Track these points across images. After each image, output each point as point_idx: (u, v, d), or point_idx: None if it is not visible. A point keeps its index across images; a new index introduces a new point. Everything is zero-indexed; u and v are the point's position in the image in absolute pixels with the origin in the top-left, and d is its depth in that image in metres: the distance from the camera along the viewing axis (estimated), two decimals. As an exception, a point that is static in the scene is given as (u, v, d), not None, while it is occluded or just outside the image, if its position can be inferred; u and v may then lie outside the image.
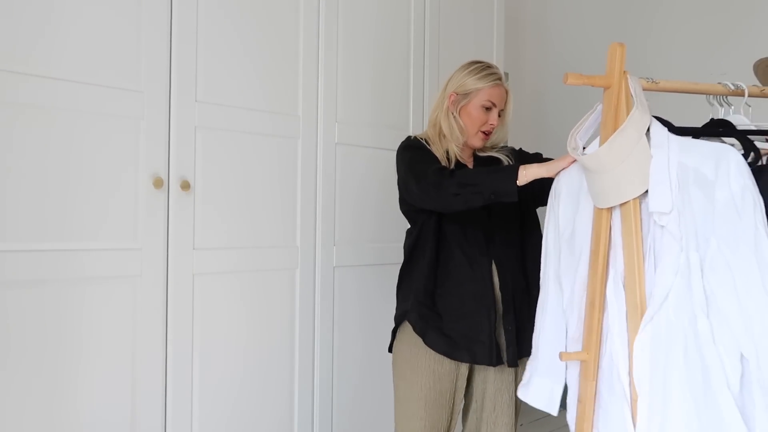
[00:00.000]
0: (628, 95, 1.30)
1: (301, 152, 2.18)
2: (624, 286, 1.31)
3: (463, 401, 1.84)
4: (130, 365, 1.79)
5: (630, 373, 1.29)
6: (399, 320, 1.86)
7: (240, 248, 2.03)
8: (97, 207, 1.72)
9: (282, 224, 2.13)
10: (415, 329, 1.79)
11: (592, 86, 1.32)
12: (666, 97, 1.39)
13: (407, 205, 1.86)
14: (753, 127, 1.37)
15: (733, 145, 1.35)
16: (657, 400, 1.23)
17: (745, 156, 1.29)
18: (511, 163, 1.88)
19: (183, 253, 1.88)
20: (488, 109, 1.84)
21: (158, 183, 1.81)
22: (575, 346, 1.43)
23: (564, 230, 1.47)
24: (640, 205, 1.30)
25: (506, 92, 1.88)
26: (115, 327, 1.76)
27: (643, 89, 1.32)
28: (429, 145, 1.84)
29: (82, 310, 1.70)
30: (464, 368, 1.82)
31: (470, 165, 1.89)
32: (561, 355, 1.37)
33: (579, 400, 1.39)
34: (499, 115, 1.87)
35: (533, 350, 1.56)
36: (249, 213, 2.05)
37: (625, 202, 1.29)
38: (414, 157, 1.80)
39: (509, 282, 1.79)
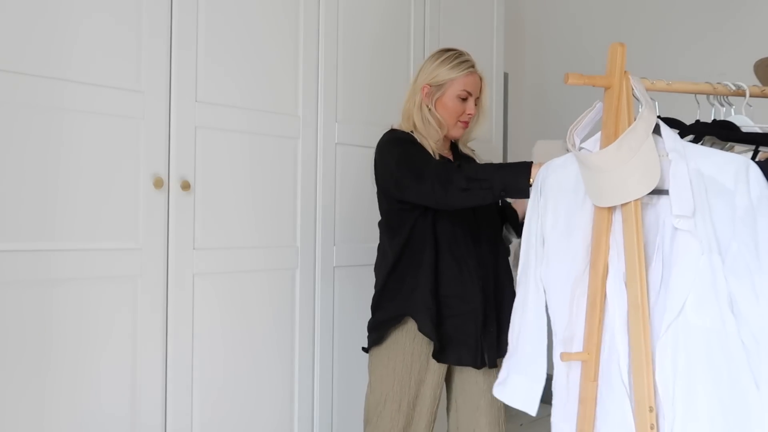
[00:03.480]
0: (629, 95, 1.30)
1: (301, 152, 2.18)
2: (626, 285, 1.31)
3: (438, 402, 1.82)
4: (130, 365, 1.79)
5: (630, 372, 1.29)
6: (394, 321, 1.77)
7: (240, 248, 2.02)
8: (98, 207, 1.72)
9: (282, 224, 2.13)
10: (422, 330, 1.72)
11: (593, 86, 1.32)
12: (663, 96, 1.39)
13: (396, 204, 1.77)
14: (758, 129, 1.36)
15: (731, 148, 1.36)
16: (679, 403, 1.24)
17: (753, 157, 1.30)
18: None
19: (183, 253, 1.88)
20: (464, 99, 1.80)
21: (158, 183, 1.81)
22: (567, 347, 1.41)
23: (555, 225, 1.45)
24: (646, 206, 1.30)
25: (480, 79, 1.83)
26: (116, 327, 1.76)
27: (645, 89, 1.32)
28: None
29: (82, 310, 1.70)
30: (442, 368, 1.79)
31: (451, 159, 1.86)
32: (562, 356, 1.37)
33: (579, 401, 1.38)
34: (476, 105, 1.82)
35: (510, 348, 1.52)
36: (249, 213, 2.04)
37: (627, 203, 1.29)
38: (407, 151, 1.71)
39: (492, 283, 1.77)
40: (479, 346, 1.74)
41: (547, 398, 1.50)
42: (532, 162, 1.51)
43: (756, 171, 1.22)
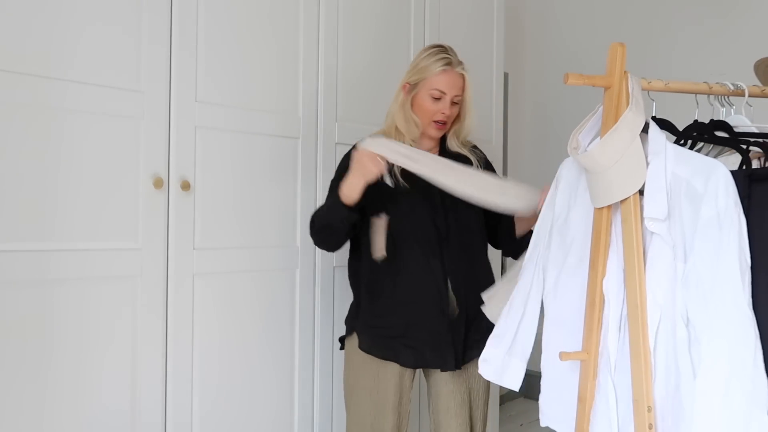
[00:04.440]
0: (629, 95, 1.30)
1: (301, 152, 2.18)
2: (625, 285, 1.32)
3: (410, 403, 1.86)
4: (130, 365, 1.79)
5: (618, 369, 1.33)
6: (350, 331, 1.89)
7: (240, 248, 2.03)
8: (97, 207, 1.72)
9: (282, 224, 2.13)
10: (371, 352, 1.79)
11: (593, 86, 1.32)
12: (663, 96, 1.39)
13: None
14: (755, 129, 1.36)
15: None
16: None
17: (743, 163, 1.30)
18: (480, 167, 1.86)
19: (183, 253, 1.88)
20: (437, 98, 1.75)
21: (158, 183, 1.81)
22: (557, 329, 1.47)
23: (557, 218, 1.49)
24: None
25: (462, 77, 1.77)
26: (116, 327, 1.76)
27: (643, 89, 1.32)
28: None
29: (82, 310, 1.70)
30: (409, 371, 1.82)
31: None
32: (561, 355, 1.38)
33: (579, 400, 1.39)
34: (457, 103, 1.78)
35: (503, 329, 1.57)
36: (249, 213, 2.05)
37: (626, 202, 1.29)
38: (331, 186, 1.81)
39: (463, 286, 1.77)
40: (448, 348, 1.75)
41: (533, 394, 1.55)
42: (338, 195, 1.69)
43: (727, 179, 1.18)
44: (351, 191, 1.65)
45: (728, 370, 1.15)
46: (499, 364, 1.58)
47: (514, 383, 1.56)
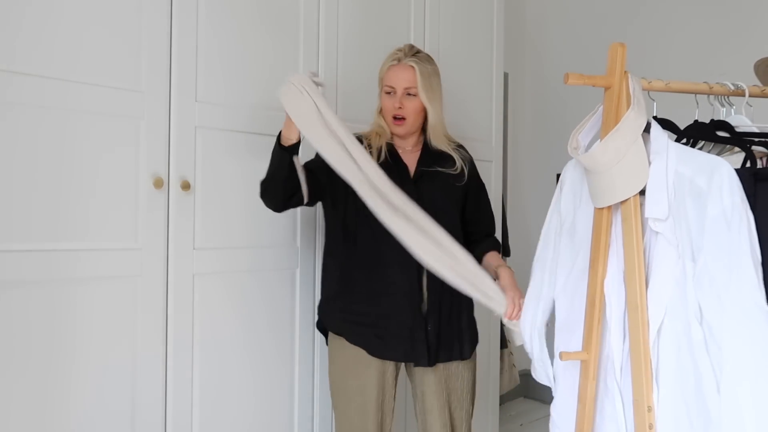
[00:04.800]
0: (629, 95, 1.30)
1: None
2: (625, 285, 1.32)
3: (393, 401, 1.87)
4: (131, 365, 1.79)
5: (622, 370, 1.32)
6: (326, 323, 1.92)
7: (240, 248, 2.03)
8: (98, 207, 1.72)
9: (282, 224, 2.13)
10: (342, 334, 1.82)
11: (593, 86, 1.32)
12: (664, 96, 1.39)
13: (327, 204, 1.92)
14: (755, 129, 1.36)
15: (731, 149, 1.36)
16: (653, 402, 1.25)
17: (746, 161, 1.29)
18: (465, 167, 1.87)
19: (183, 253, 1.88)
20: (389, 94, 1.81)
21: (158, 183, 1.81)
22: (564, 334, 1.47)
23: (564, 221, 1.49)
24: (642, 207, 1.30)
25: (411, 69, 1.78)
26: (116, 327, 1.76)
27: (643, 89, 1.32)
28: (363, 140, 1.83)
29: (82, 310, 1.70)
30: (390, 366, 1.83)
31: (414, 155, 1.88)
32: (561, 355, 1.38)
33: (579, 400, 1.39)
34: (415, 95, 1.79)
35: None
36: (249, 213, 2.05)
37: (626, 202, 1.29)
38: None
39: (437, 284, 1.77)
40: (421, 343, 1.76)
41: (545, 398, 1.54)
42: (279, 134, 1.73)
43: (731, 175, 1.18)
44: (287, 131, 1.72)
45: (754, 371, 1.14)
46: (533, 365, 1.61)
47: (543, 379, 1.58)
